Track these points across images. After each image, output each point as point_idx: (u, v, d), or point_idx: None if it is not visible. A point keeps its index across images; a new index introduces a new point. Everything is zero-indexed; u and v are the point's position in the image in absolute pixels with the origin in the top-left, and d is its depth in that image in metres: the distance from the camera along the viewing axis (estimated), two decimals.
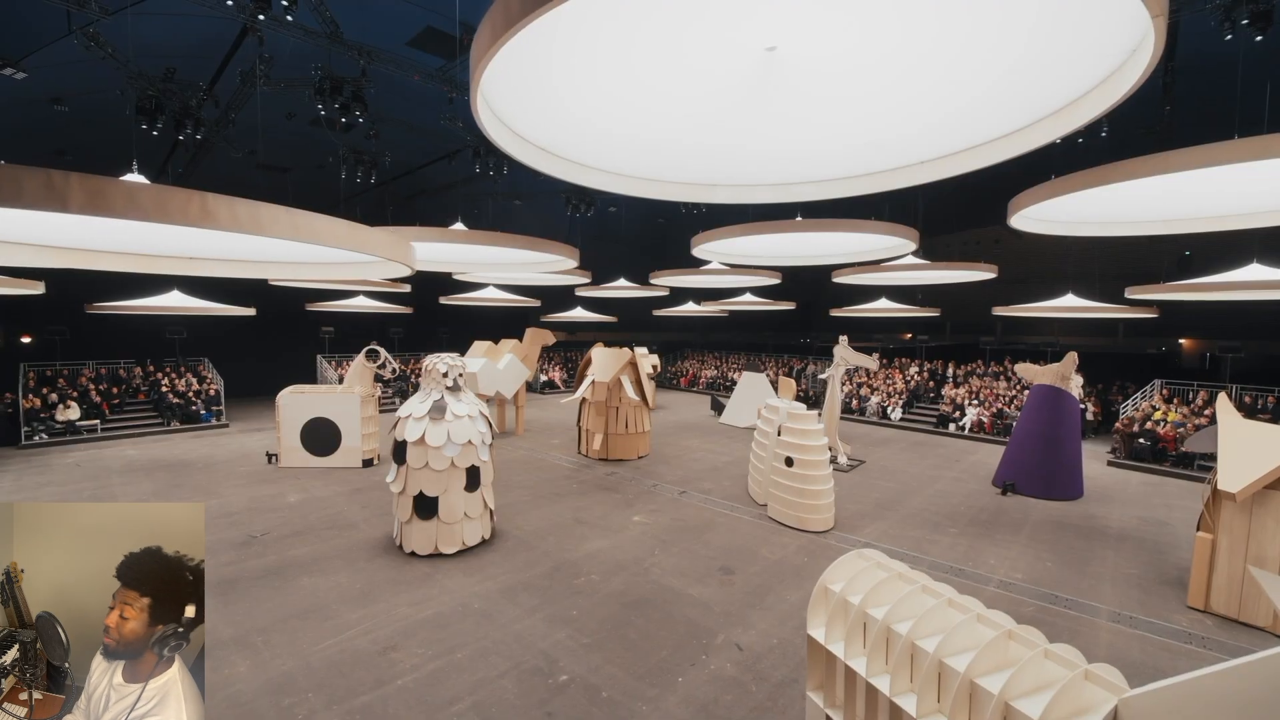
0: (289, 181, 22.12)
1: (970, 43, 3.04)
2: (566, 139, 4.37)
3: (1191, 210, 6.62)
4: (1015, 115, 3.86)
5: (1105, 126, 13.87)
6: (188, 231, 4.67)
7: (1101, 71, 3.21)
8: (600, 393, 12.60)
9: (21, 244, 5.87)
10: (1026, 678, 2.66)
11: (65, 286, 15.10)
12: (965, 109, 3.74)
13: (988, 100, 3.61)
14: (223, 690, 4.95)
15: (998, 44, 3.04)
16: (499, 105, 3.76)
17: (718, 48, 3.37)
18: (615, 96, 3.75)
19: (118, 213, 3.43)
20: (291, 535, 8.54)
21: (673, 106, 3.89)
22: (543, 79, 3.47)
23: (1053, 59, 3.10)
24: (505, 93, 3.57)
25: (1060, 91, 3.49)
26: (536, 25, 2.98)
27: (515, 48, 3.10)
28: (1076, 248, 23.34)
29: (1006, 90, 3.44)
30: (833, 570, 3.79)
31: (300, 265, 8.48)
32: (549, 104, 3.81)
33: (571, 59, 3.39)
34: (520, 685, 5.07)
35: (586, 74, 3.51)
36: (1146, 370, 20.26)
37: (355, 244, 4.98)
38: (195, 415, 16.89)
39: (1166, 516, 9.87)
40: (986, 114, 3.83)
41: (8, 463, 12.74)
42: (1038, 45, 3.01)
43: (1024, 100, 3.59)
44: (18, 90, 15.17)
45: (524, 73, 3.35)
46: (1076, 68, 3.18)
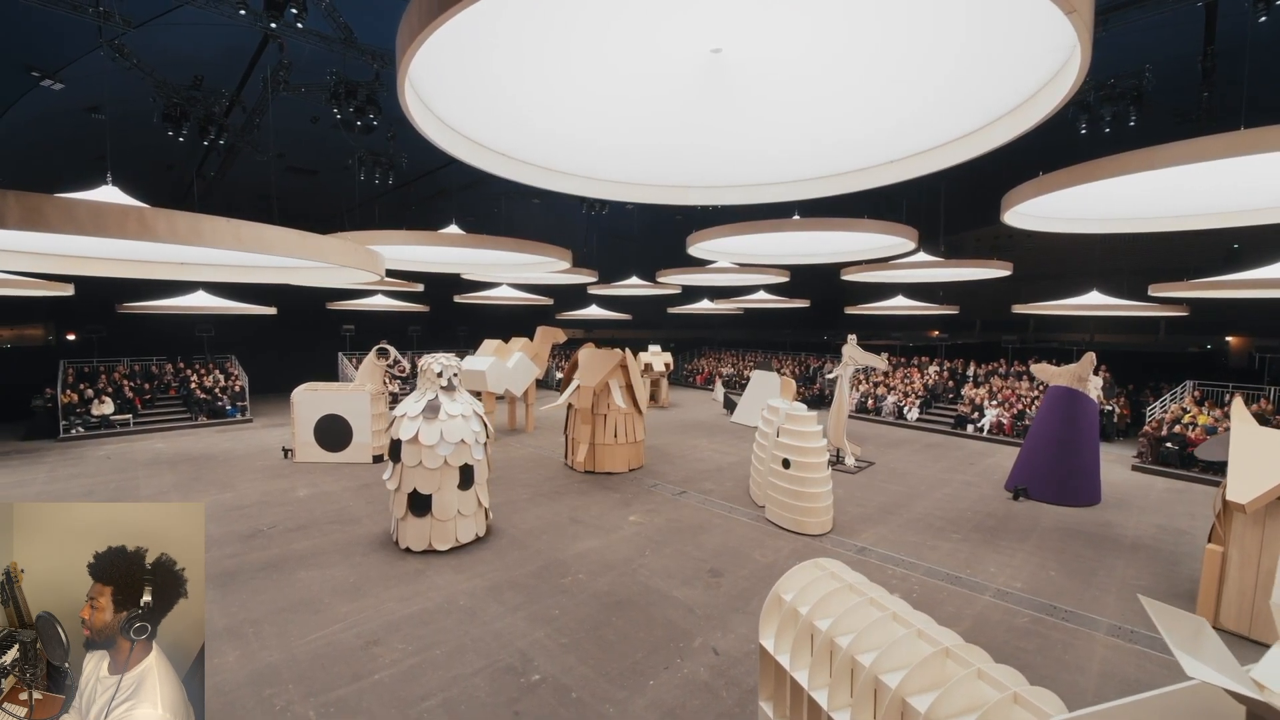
0: (319, 183, 22.78)
1: (912, 44, 2.94)
2: (530, 144, 4.39)
3: (1203, 206, 6.28)
4: (973, 116, 3.72)
5: (1134, 114, 13.27)
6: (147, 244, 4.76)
7: (1043, 73, 3.07)
8: (586, 399, 11.53)
9: (20, 251, 6.21)
10: (956, 698, 2.58)
11: (97, 287, 15.86)
12: (920, 111, 3.62)
13: (939, 103, 3.49)
14: (209, 679, 5.13)
15: (942, 42, 2.94)
16: (448, 111, 3.80)
17: (664, 51, 3.33)
18: (566, 102, 3.74)
19: (55, 228, 3.59)
20: (296, 529, 8.81)
21: (629, 109, 3.87)
22: (488, 80, 3.48)
23: (994, 61, 2.98)
24: (455, 99, 3.60)
25: (1011, 92, 3.35)
26: (476, 31, 3.00)
27: (456, 52, 3.12)
28: (1101, 243, 22.39)
29: (960, 90, 3.32)
30: (786, 579, 3.74)
31: (285, 270, 8.70)
32: (500, 107, 3.83)
33: (521, 65, 3.40)
34: (492, 683, 5.14)
35: (537, 79, 3.52)
36: (1187, 370, 19.31)
37: (307, 252, 5.09)
38: (221, 410, 17.57)
39: (1188, 526, 9.41)
40: (939, 117, 3.70)
41: (45, 455, 13.47)
42: (975, 49, 2.90)
43: (977, 101, 3.46)
44: (57, 100, 15.98)
45: (467, 73, 3.36)
46: (1018, 71, 3.05)
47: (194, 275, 7.67)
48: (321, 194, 23.22)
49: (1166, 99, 14.02)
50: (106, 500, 10.15)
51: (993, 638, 5.96)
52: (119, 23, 11.74)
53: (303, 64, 14.61)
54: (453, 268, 14.16)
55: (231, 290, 16.39)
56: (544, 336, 17.22)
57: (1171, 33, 12.54)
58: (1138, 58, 12.90)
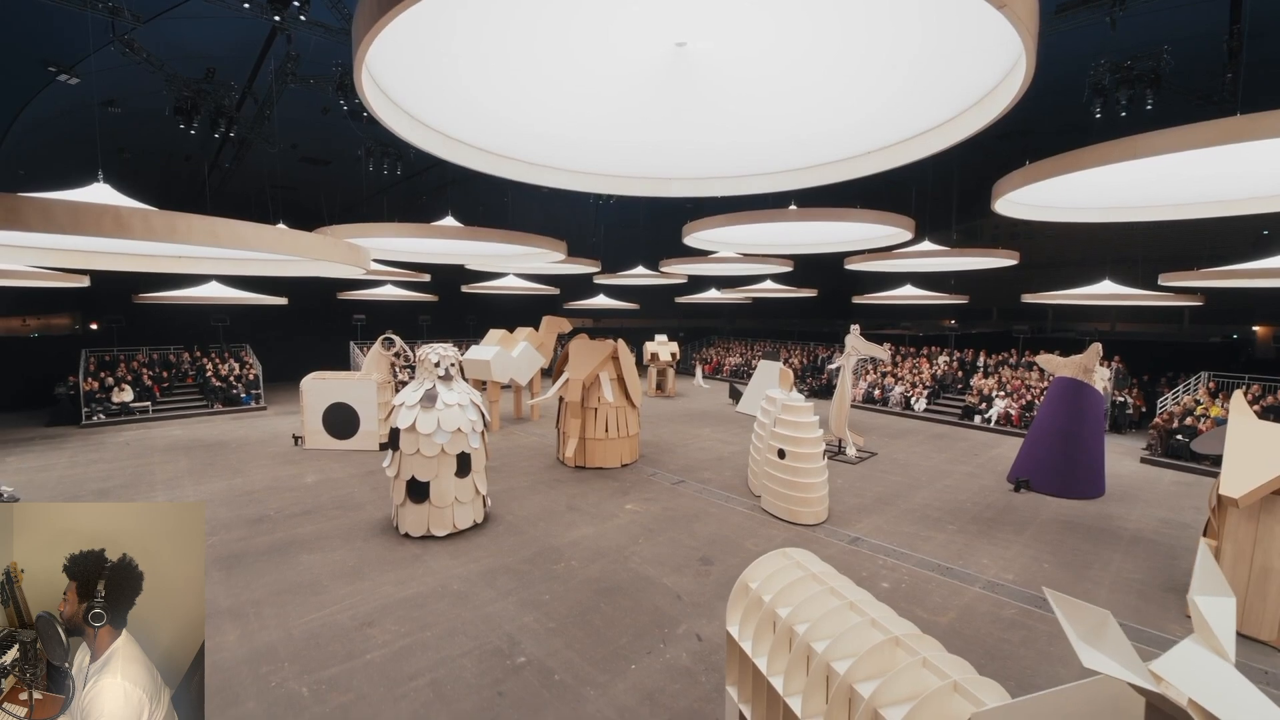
0: (333, 175, 23.05)
1: (873, 40, 2.92)
2: (507, 139, 4.44)
3: (1204, 193, 6.11)
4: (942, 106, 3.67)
5: (1150, 98, 12.86)
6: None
7: (1002, 65, 3.02)
8: (575, 391, 11.17)
9: (24, 247, 6.44)
10: (899, 685, 2.63)
11: (114, 279, 16.31)
12: (889, 105, 3.59)
13: (909, 95, 3.45)
14: (210, 656, 5.37)
15: (901, 38, 2.91)
16: (418, 107, 3.85)
17: (629, 42, 3.34)
18: (535, 96, 3.78)
19: (33, 227, 3.73)
20: (301, 514, 9.08)
21: (602, 106, 3.89)
22: (452, 75, 3.53)
23: (950, 57, 2.94)
24: (422, 95, 3.66)
25: (975, 84, 3.30)
26: (434, 27, 3.05)
27: (415, 47, 3.17)
28: (1120, 230, 21.78)
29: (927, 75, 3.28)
30: (753, 568, 3.81)
31: (274, 263, 8.80)
32: (472, 104, 3.87)
33: (486, 64, 3.44)
34: (479, 665, 5.30)
35: (504, 76, 3.56)
36: (1209, 361, 18.83)
37: (284, 248, 5.20)
38: (236, 398, 18.02)
39: (1192, 520, 9.27)
40: (909, 110, 3.65)
41: (67, 441, 13.97)
42: (932, 44, 2.88)
43: (943, 91, 3.42)
44: (74, 95, 16.31)
45: (429, 66, 3.41)
46: (977, 64, 3.01)
47: (192, 268, 7.89)
48: (336, 185, 23.50)
49: (1186, 82, 13.56)
50: (121, 485, 10.55)
51: (978, 629, 5.98)
52: (128, 18, 11.95)
53: (310, 55, 14.75)
54: (449, 259, 14.29)
55: (243, 281, 16.73)
56: (549, 326, 17.35)
57: (1191, 13, 12.11)
58: (1156, 38, 12.48)
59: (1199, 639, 1.82)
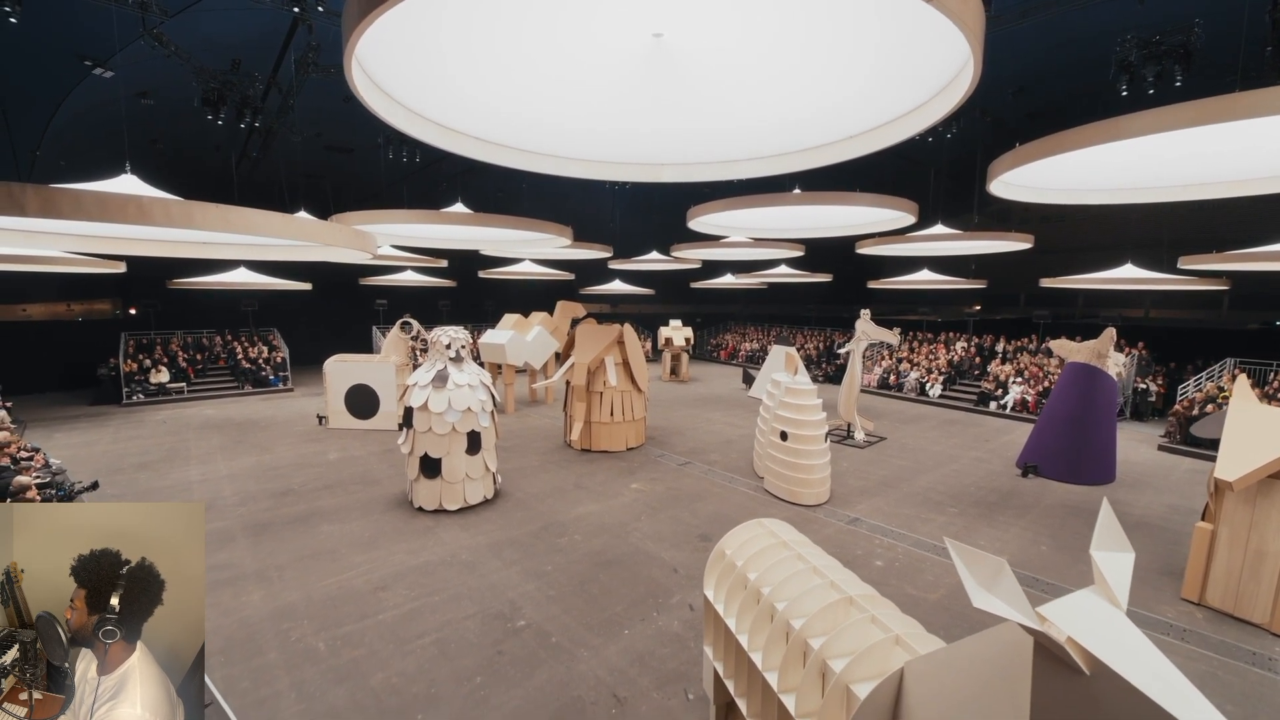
0: (357, 162, 23.55)
1: (838, 29, 3.03)
2: (499, 127, 4.63)
3: (1212, 173, 5.99)
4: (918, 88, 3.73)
5: (1179, 74, 12.40)
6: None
7: (961, 52, 3.09)
8: (581, 375, 11.37)
9: (58, 234, 6.91)
10: (848, 639, 2.83)
11: (150, 265, 17.05)
12: (861, 91, 3.67)
13: (878, 82, 3.53)
14: (237, 614, 5.83)
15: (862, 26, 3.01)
16: (406, 94, 4.06)
17: (610, 32, 3.50)
18: (524, 84, 3.96)
19: (66, 215, 4.09)
20: (323, 488, 9.57)
21: (589, 94, 4.05)
22: (444, 65, 3.72)
23: (911, 44, 3.02)
24: (410, 83, 3.87)
25: (939, 71, 3.37)
26: (422, 17, 3.25)
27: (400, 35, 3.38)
28: (1138, 213, 20.95)
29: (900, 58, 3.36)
30: (730, 536, 4.01)
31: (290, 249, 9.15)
32: (463, 93, 4.07)
33: (474, 55, 3.64)
34: (482, 627, 5.65)
35: (492, 65, 3.75)
36: (1240, 348, 18.20)
37: (293, 233, 5.50)
38: (264, 380, 18.78)
39: (1201, 506, 9.15)
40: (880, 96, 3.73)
41: (110, 418, 14.81)
42: (891, 31, 2.97)
43: (910, 78, 3.49)
44: (108, 88, 16.96)
45: (414, 56, 3.60)
46: (936, 53, 3.08)
47: (216, 254, 8.32)
48: (359, 173, 24.00)
49: (1221, 57, 13.01)
50: (159, 459, 11.21)
51: (965, 606, 6.10)
52: (156, 12, 12.39)
53: (330, 45, 15.07)
54: (462, 244, 14.61)
55: (270, 267, 17.34)
56: (563, 311, 17.61)
57: None
58: (1187, 11, 12.00)
59: (1096, 590, 1.98)
